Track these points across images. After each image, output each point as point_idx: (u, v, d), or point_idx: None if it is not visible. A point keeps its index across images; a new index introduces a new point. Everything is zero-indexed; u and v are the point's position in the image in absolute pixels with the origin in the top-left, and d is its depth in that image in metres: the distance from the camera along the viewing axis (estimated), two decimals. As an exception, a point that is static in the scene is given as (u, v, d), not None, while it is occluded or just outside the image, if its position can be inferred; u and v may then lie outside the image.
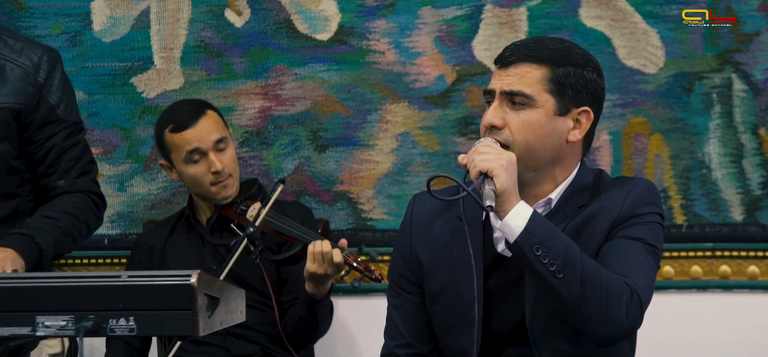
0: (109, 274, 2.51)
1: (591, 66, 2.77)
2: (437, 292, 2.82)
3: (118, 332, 2.43)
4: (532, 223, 2.59)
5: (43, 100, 3.32)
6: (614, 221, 2.72)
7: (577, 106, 2.73)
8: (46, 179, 3.34)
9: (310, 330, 3.82)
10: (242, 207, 3.85)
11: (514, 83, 2.71)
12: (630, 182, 2.79)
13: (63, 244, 3.28)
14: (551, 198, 2.76)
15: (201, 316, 2.43)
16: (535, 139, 2.70)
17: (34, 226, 3.23)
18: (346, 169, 4.17)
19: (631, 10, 4.07)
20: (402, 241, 2.90)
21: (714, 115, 4.09)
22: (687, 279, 4.12)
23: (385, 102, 4.15)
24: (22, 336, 2.47)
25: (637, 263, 2.68)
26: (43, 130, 3.32)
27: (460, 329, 2.76)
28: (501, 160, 2.61)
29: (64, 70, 3.40)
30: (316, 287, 3.71)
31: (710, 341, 4.08)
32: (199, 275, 2.44)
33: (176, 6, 4.16)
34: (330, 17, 4.14)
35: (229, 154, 3.89)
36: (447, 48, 4.12)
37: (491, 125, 2.71)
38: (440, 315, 2.82)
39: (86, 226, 3.37)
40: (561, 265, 2.57)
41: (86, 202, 3.37)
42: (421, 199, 2.91)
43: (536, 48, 2.75)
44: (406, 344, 2.87)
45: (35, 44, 3.39)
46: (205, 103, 3.97)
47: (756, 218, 4.09)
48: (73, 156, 3.36)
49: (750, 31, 4.05)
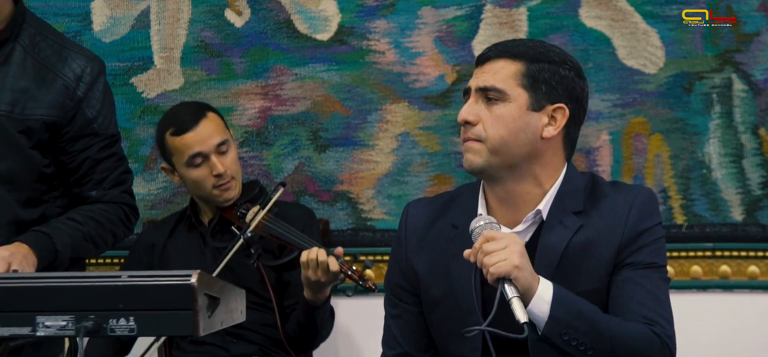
0: (109, 274, 2.51)
1: (569, 65, 2.77)
2: (435, 301, 2.81)
3: (118, 332, 2.43)
4: (556, 308, 2.58)
5: (80, 113, 3.26)
6: (621, 242, 2.71)
7: (552, 103, 2.73)
8: (79, 188, 3.31)
9: (310, 336, 3.81)
10: (242, 210, 3.85)
11: (489, 79, 2.73)
12: (630, 193, 2.77)
13: (82, 248, 3.25)
14: (540, 209, 2.74)
15: (201, 316, 2.43)
16: (507, 133, 2.70)
17: (56, 226, 3.21)
18: (346, 169, 4.17)
19: (631, 10, 4.07)
20: (397, 251, 2.89)
21: (714, 115, 4.09)
22: (687, 279, 4.12)
23: (385, 102, 4.15)
24: (22, 336, 2.47)
25: (657, 301, 2.69)
26: (78, 143, 3.27)
27: (460, 336, 2.75)
28: (513, 259, 2.56)
29: (106, 80, 3.35)
30: (313, 294, 3.69)
31: (710, 341, 4.07)
32: (199, 275, 2.44)
33: (176, 6, 4.17)
34: (330, 17, 4.15)
35: (231, 157, 3.88)
36: (447, 48, 4.12)
37: (465, 121, 2.73)
38: (439, 323, 2.81)
39: (112, 235, 3.33)
40: (590, 343, 2.58)
41: (116, 211, 3.33)
42: (415, 208, 2.91)
43: (513, 45, 2.78)
44: (403, 354, 2.86)
45: (80, 52, 3.31)
46: (206, 105, 3.97)
47: (756, 218, 4.09)
48: (107, 167, 3.32)
49: (750, 31, 4.05)
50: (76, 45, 3.38)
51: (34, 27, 3.27)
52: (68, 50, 3.29)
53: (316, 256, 3.60)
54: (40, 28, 3.29)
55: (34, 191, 3.26)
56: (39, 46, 3.25)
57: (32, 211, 3.25)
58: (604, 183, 2.81)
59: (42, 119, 3.21)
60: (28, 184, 3.24)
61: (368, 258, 3.85)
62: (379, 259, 4.12)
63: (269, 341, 3.86)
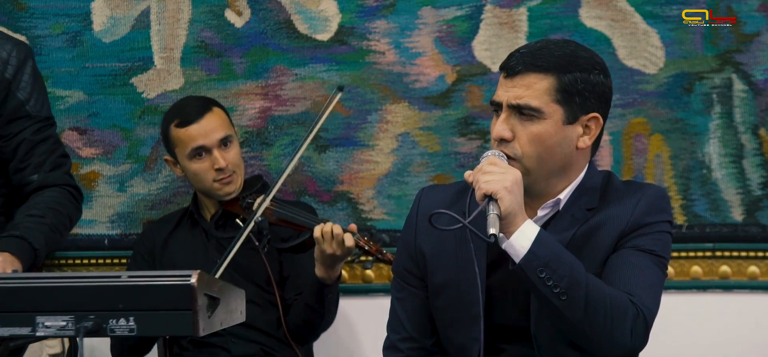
0: (109, 274, 2.52)
1: (598, 68, 2.74)
2: (440, 287, 2.82)
3: (118, 332, 2.43)
4: (537, 245, 2.59)
5: (11, 95, 3.30)
6: (623, 230, 2.72)
7: (586, 113, 2.73)
8: (20, 175, 3.34)
9: (315, 318, 3.78)
10: (248, 200, 3.84)
11: (521, 96, 2.69)
12: (641, 190, 2.77)
13: (52, 240, 3.29)
14: (560, 198, 2.76)
15: (201, 316, 2.44)
16: (545, 150, 2.70)
17: (25, 226, 3.23)
18: (346, 169, 4.17)
19: (631, 10, 4.07)
20: (407, 234, 2.91)
21: (714, 116, 4.09)
22: (687, 279, 4.12)
23: (385, 102, 4.14)
24: (22, 336, 2.48)
25: (644, 279, 2.68)
26: (12, 125, 3.32)
27: (461, 325, 2.76)
28: (505, 182, 2.58)
29: (35, 64, 3.39)
30: (326, 271, 3.68)
31: (710, 341, 4.08)
32: (199, 275, 2.44)
33: (176, 6, 4.16)
34: (330, 17, 4.14)
35: (234, 152, 3.89)
36: (447, 48, 4.12)
37: (501, 138, 2.70)
38: (443, 310, 2.82)
39: (69, 219, 3.38)
40: (565, 287, 2.57)
41: (65, 195, 3.37)
42: (428, 193, 2.92)
43: (542, 56, 2.72)
44: (408, 338, 2.87)
45: (6, 39, 3.36)
46: (212, 100, 3.98)
47: (756, 218, 4.09)
48: (45, 150, 3.36)
49: (750, 31, 4.05)
50: (2, 34, 3.43)
51: None
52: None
53: (331, 229, 3.60)
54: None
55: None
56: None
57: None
58: (619, 182, 2.83)
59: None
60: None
61: (369, 259, 3.84)
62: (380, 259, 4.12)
63: (271, 339, 3.85)
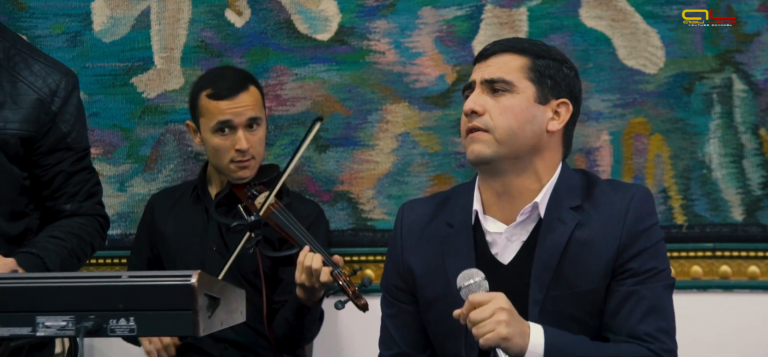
0: (109, 274, 2.52)
1: (569, 65, 2.83)
2: (431, 300, 2.81)
3: (118, 332, 2.43)
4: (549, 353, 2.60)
5: (54, 127, 3.27)
6: (620, 243, 2.71)
7: (556, 98, 2.78)
8: (53, 202, 3.32)
9: (296, 335, 3.73)
10: (254, 191, 3.80)
11: (495, 71, 2.76)
12: (628, 191, 2.77)
13: (68, 264, 3.27)
14: (537, 201, 2.75)
15: (201, 316, 2.44)
16: (516, 123, 2.73)
17: (43, 245, 3.22)
18: (346, 169, 4.17)
19: (631, 10, 4.07)
20: (393, 251, 2.90)
21: (714, 116, 4.09)
22: (687, 279, 4.12)
23: (385, 102, 4.15)
24: (22, 336, 2.48)
25: (658, 314, 2.70)
26: (52, 156, 3.29)
27: (456, 335, 2.75)
28: (501, 330, 2.58)
29: (79, 95, 3.36)
30: (305, 294, 3.58)
31: (710, 341, 4.07)
32: (199, 275, 2.44)
33: (176, 6, 4.17)
34: (330, 17, 4.15)
35: (259, 136, 3.84)
36: (447, 48, 4.12)
37: (472, 110, 2.74)
38: (436, 322, 2.82)
39: (90, 247, 3.37)
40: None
41: (93, 224, 3.36)
42: (410, 208, 2.92)
43: (517, 41, 2.83)
44: (401, 353, 2.87)
45: (53, 67, 3.31)
46: (250, 76, 3.90)
47: (756, 218, 4.08)
48: (80, 180, 3.34)
49: (750, 31, 4.05)
50: (50, 58, 3.38)
51: (8, 41, 3.28)
52: (43, 64, 3.30)
53: (312, 263, 3.51)
54: (14, 41, 3.30)
55: (17, 204, 3.28)
56: (13, 59, 3.26)
57: (16, 225, 3.27)
58: (600, 180, 2.83)
59: (18, 134, 3.22)
60: (11, 197, 3.26)
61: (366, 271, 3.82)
62: (380, 259, 4.12)
63: (250, 331, 3.79)
